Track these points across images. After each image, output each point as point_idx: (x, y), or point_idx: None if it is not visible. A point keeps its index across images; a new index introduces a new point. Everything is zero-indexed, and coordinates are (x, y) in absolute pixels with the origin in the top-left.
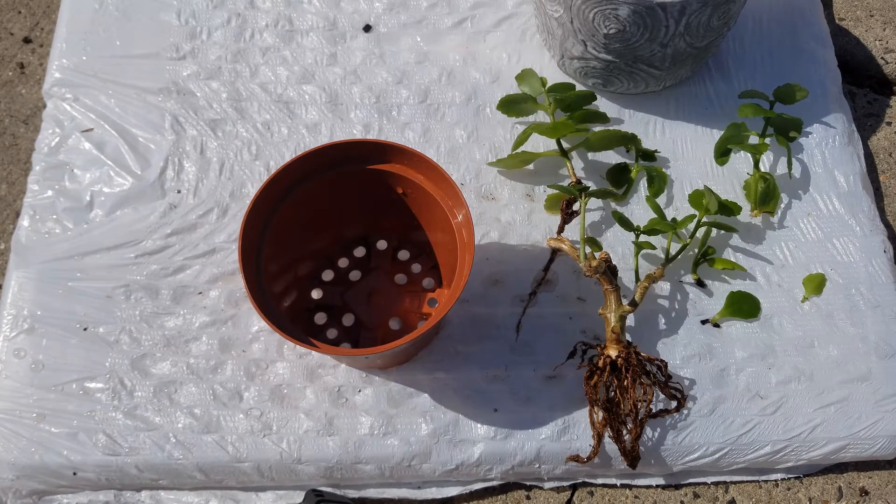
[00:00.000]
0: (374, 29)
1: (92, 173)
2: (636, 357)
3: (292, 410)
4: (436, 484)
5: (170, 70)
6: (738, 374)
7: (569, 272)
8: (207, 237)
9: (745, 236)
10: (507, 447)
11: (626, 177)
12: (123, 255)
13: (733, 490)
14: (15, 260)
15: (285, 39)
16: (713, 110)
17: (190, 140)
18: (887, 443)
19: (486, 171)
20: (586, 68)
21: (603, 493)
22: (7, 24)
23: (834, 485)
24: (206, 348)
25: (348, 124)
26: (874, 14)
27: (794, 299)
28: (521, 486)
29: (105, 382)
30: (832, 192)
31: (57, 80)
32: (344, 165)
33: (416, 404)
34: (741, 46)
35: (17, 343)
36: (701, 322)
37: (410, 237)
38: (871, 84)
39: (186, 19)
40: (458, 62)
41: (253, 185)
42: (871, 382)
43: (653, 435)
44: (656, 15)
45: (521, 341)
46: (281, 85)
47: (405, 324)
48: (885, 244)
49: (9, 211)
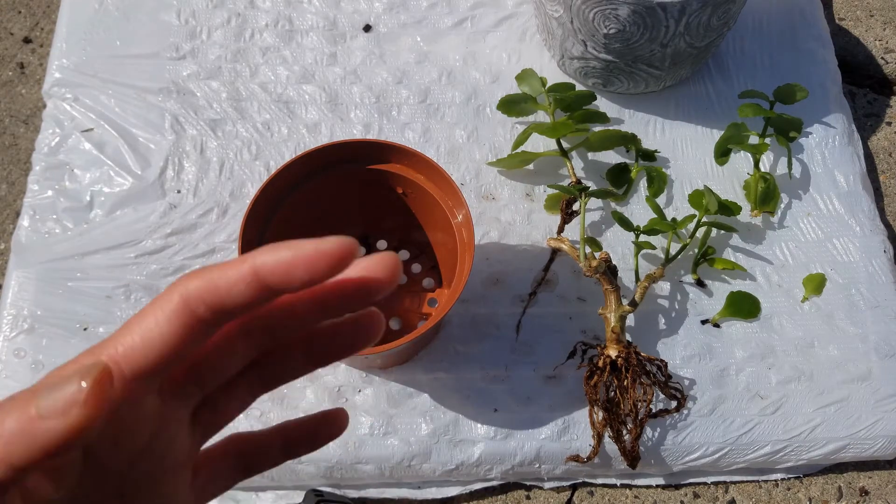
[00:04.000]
0: (374, 29)
1: (92, 173)
2: (636, 357)
3: (292, 410)
4: (436, 484)
5: (170, 70)
6: (738, 374)
7: (569, 272)
8: (207, 237)
9: (745, 236)
10: (507, 447)
11: (626, 177)
12: (123, 255)
13: (733, 490)
14: (15, 260)
15: (285, 39)
16: (713, 110)
17: (190, 140)
18: (887, 443)
19: (486, 171)
20: (586, 68)
21: (603, 493)
22: (7, 24)
23: (834, 485)
24: None
25: (348, 124)
26: (874, 14)
27: (794, 299)
28: (521, 486)
29: None
30: (832, 192)
31: (57, 80)
32: (344, 165)
33: (416, 404)
34: (741, 46)
35: (17, 343)
36: (701, 322)
37: (410, 237)
38: (871, 84)
39: (186, 19)
40: (458, 62)
41: (253, 185)
42: (871, 382)
43: (653, 435)
44: (656, 15)
45: (521, 341)
46: (281, 85)
47: (405, 324)
48: (885, 244)
49: (9, 211)
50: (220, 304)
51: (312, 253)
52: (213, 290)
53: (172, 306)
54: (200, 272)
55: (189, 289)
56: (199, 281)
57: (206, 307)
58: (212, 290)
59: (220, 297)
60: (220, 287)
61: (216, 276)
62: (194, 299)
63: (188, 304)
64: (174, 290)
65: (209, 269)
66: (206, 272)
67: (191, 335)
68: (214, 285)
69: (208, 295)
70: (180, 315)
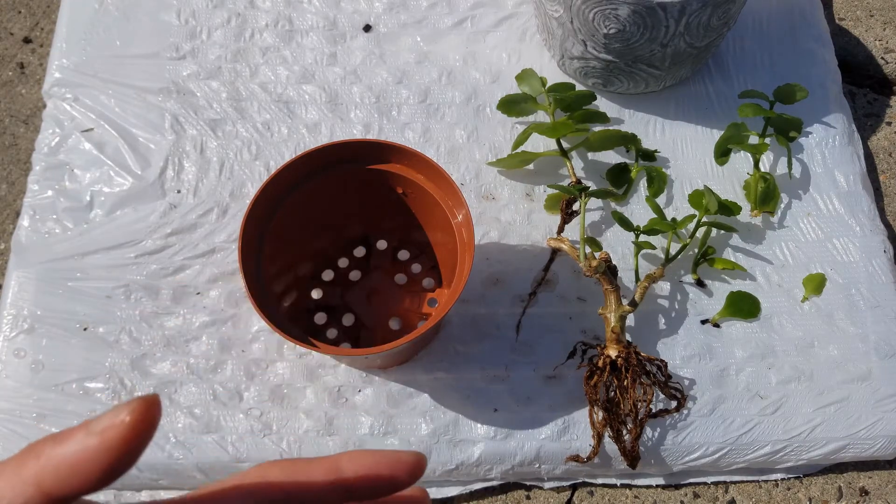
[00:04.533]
0: (374, 29)
1: (92, 173)
2: (636, 357)
3: (292, 410)
4: (436, 484)
5: (170, 70)
6: (738, 374)
7: (569, 272)
8: (207, 237)
9: (745, 236)
10: (507, 447)
11: (626, 177)
12: (123, 255)
13: (733, 490)
14: (15, 260)
15: (285, 39)
16: (713, 110)
17: (190, 140)
18: (887, 443)
19: (486, 171)
20: (586, 68)
21: (603, 493)
22: (7, 24)
23: (834, 485)
24: (205, 348)
25: (348, 124)
26: (874, 14)
27: (794, 299)
28: (521, 486)
29: (105, 382)
30: (832, 192)
31: (57, 80)
32: (344, 165)
33: (416, 404)
34: (741, 46)
35: (17, 343)
36: (701, 322)
37: (410, 237)
38: (871, 84)
39: (186, 19)
40: (458, 62)
41: (253, 184)
42: (871, 382)
43: (653, 435)
44: (656, 15)
45: (521, 341)
46: (281, 85)
47: (405, 324)
48: (885, 244)
49: (9, 211)
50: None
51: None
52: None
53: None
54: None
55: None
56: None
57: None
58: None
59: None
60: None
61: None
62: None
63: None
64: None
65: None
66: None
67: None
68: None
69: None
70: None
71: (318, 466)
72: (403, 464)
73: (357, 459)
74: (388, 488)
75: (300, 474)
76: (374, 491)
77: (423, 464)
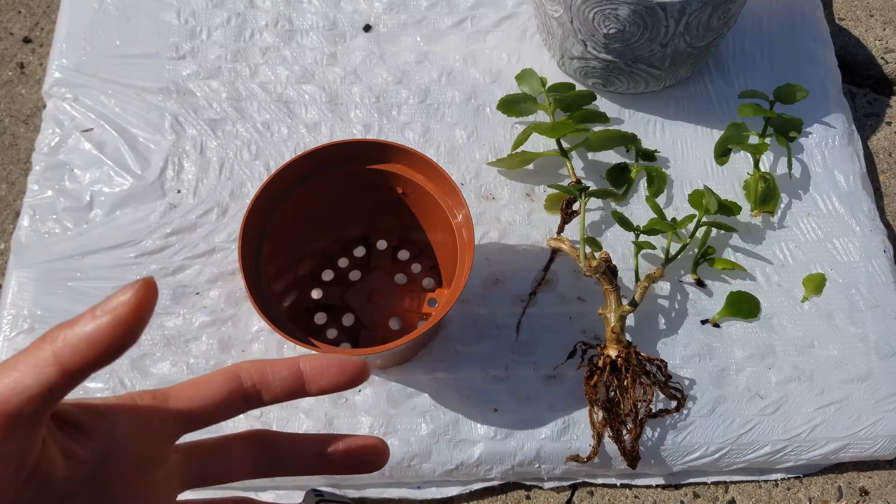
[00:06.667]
0: (374, 29)
1: (92, 173)
2: (636, 357)
3: (292, 410)
4: (436, 484)
5: (170, 70)
6: (738, 374)
7: (569, 272)
8: (207, 237)
9: (745, 236)
10: (507, 447)
11: (626, 177)
12: (123, 255)
13: (733, 490)
14: (15, 260)
15: (285, 39)
16: (713, 110)
17: (190, 140)
18: (887, 443)
19: (486, 170)
20: (586, 68)
21: (603, 493)
22: (7, 24)
23: (834, 485)
24: (205, 348)
25: (348, 124)
26: (874, 14)
27: (794, 299)
28: (520, 486)
29: (105, 382)
30: (832, 191)
31: (57, 80)
32: (344, 165)
33: (416, 404)
34: (741, 46)
35: (17, 343)
36: (701, 322)
37: (410, 237)
38: (871, 84)
39: (186, 19)
40: (458, 62)
41: (253, 184)
42: (871, 382)
43: (653, 435)
44: (656, 15)
45: (521, 341)
46: (281, 84)
47: (405, 324)
48: (885, 244)
49: (9, 211)
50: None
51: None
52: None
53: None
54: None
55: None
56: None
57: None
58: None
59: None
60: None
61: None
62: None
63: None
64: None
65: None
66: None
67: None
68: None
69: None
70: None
71: (282, 362)
72: (350, 364)
73: (312, 360)
74: (336, 383)
75: (267, 364)
76: (324, 377)
77: (367, 371)
